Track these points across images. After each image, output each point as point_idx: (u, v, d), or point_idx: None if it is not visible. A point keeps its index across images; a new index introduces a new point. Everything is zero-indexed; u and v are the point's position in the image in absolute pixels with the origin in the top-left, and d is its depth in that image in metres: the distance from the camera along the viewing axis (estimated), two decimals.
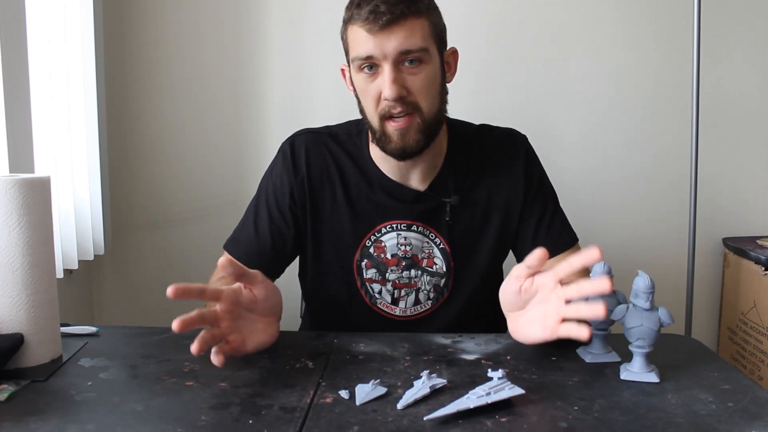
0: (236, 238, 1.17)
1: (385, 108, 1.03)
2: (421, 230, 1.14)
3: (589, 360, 0.90)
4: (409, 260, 1.14)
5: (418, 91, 1.03)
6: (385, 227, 1.14)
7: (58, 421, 0.72)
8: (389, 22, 0.98)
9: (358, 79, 1.05)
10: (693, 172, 1.74)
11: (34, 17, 1.43)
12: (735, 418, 0.74)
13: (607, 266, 0.90)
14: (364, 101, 1.06)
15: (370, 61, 1.01)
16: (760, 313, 1.76)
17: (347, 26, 1.04)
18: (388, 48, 1.00)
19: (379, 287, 1.15)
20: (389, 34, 0.99)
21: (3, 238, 0.84)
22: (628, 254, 1.92)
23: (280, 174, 1.16)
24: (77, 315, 1.81)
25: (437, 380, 0.81)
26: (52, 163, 1.55)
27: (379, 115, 1.04)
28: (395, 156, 1.07)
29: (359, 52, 1.02)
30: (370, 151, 1.15)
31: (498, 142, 1.18)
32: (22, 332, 0.86)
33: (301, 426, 0.71)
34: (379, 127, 1.05)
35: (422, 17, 1.02)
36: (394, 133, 1.04)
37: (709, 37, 1.79)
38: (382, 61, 1.01)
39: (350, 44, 1.05)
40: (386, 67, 1.01)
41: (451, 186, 1.14)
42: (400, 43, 0.99)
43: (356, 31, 1.02)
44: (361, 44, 1.01)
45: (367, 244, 1.14)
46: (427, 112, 1.05)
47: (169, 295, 0.78)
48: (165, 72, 1.88)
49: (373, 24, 0.99)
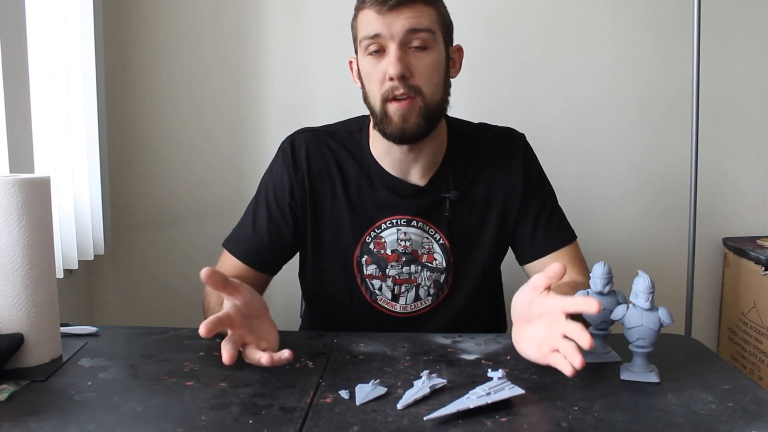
0: (235, 235, 1.18)
1: (388, 89, 1.04)
2: (420, 226, 1.14)
3: (590, 360, 0.90)
4: (409, 256, 1.14)
5: (420, 75, 1.04)
6: (385, 223, 1.14)
7: (58, 421, 0.72)
8: (399, 4, 1.01)
9: (364, 63, 1.06)
10: (693, 172, 1.74)
11: (34, 17, 1.43)
12: (735, 418, 0.74)
13: (607, 266, 0.90)
14: (369, 85, 1.07)
15: (377, 40, 1.03)
16: (760, 313, 1.76)
17: (357, 13, 1.07)
18: (396, 27, 1.01)
19: (380, 283, 1.15)
20: (398, 14, 1.02)
21: (3, 238, 0.84)
22: (628, 254, 1.92)
23: (280, 172, 1.16)
24: (77, 315, 1.81)
25: (437, 380, 0.81)
26: (52, 163, 1.55)
27: (382, 97, 1.04)
28: (394, 139, 1.07)
29: (367, 32, 1.04)
30: (370, 147, 1.16)
31: (497, 139, 1.19)
32: (22, 332, 0.86)
33: (301, 426, 0.71)
34: (380, 108, 1.05)
35: (430, 6, 1.04)
36: (395, 113, 1.04)
37: (710, 36, 1.78)
38: (388, 41, 1.02)
39: (359, 28, 1.06)
40: (392, 46, 1.02)
41: (450, 181, 1.15)
42: (408, 22, 1.02)
43: (366, 14, 1.04)
44: (369, 24, 1.03)
45: (367, 240, 1.14)
46: (429, 98, 1.05)
47: (203, 334, 0.77)
48: (165, 72, 1.88)
49: (383, 5, 1.01)
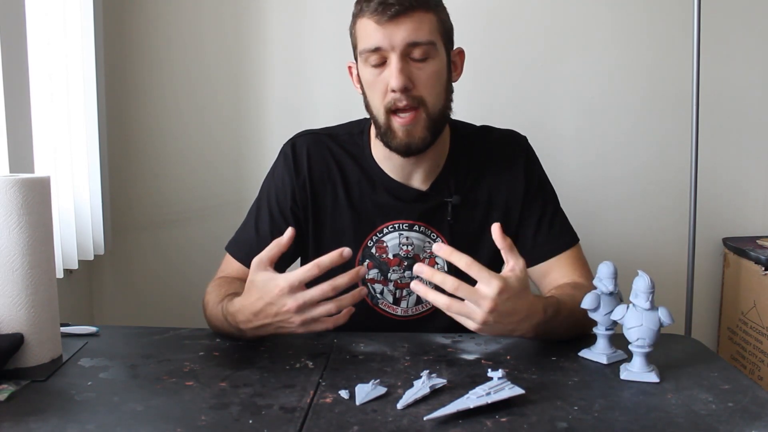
0: (238, 240, 1.17)
1: (390, 101, 1.03)
2: (422, 230, 1.14)
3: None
4: (411, 260, 1.14)
5: (423, 85, 1.03)
6: (387, 227, 1.14)
7: (58, 421, 0.72)
8: (398, 14, 1.00)
9: (365, 72, 1.06)
10: (693, 171, 1.74)
11: (34, 17, 1.43)
12: (735, 418, 0.74)
13: (613, 266, 0.90)
14: (371, 95, 1.06)
15: (378, 53, 1.02)
16: (760, 313, 1.76)
17: (356, 20, 1.06)
18: (396, 39, 1.00)
19: (381, 287, 1.15)
20: (398, 25, 1.00)
21: (3, 238, 0.84)
22: (628, 254, 1.92)
23: (281, 175, 1.16)
24: (77, 315, 1.81)
25: (437, 380, 0.81)
26: (52, 163, 1.55)
27: (385, 108, 1.04)
28: (399, 152, 1.07)
29: (367, 44, 1.02)
30: (371, 151, 1.15)
31: (499, 142, 1.19)
32: (22, 332, 0.86)
33: (301, 426, 0.71)
34: (384, 121, 1.05)
35: (430, 12, 1.03)
36: (399, 128, 1.04)
37: (710, 36, 1.78)
38: (389, 52, 1.01)
39: (358, 37, 1.05)
40: (393, 57, 1.01)
41: (452, 186, 1.14)
42: (408, 35, 1.00)
43: (365, 23, 1.03)
44: (369, 36, 1.02)
45: (369, 245, 1.14)
46: (432, 108, 1.05)
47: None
48: (165, 72, 1.88)
49: (382, 15, 1.00)
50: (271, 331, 0.91)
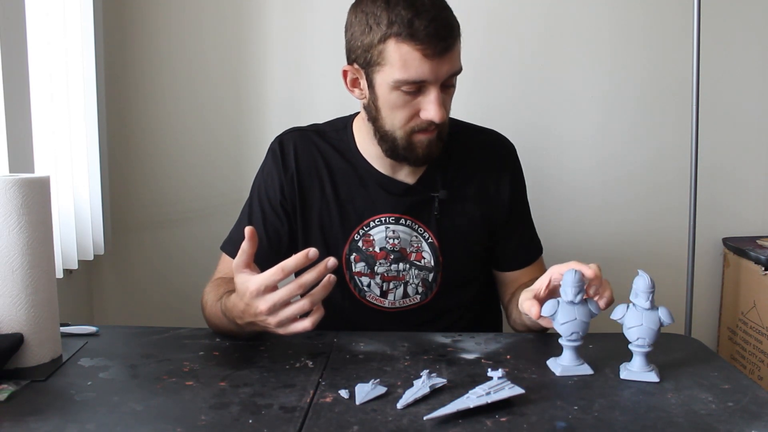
0: (232, 238, 1.18)
1: (421, 125, 1.04)
2: (409, 224, 1.15)
3: (559, 373, 0.87)
4: (397, 254, 1.15)
5: (448, 110, 1.07)
6: (374, 221, 1.15)
7: (58, 421, 0.72)
8: (447, 49, 0.98)
9: (391, 95, 1.03)
10: (693, 171, 1.74)
11: (34, 17, 1.42)
12: (735, 418, 0.74)
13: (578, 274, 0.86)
14: (392, 115, 1.05)
15: (419, 85, 1.01)
16: (760, 313, 1.76)
17: (387, 40, 0.98)
18: (441, 72, 1.00)
19: (368, 280, 1.16)
20: (443, 58, 0.99)
21: (3, 238, 0.84)
22: (628, 254, 1.92)
23: (270, 172, 1.17)
24: (77, 315, 1.80)
25: (437, 380, 0.81)
26: (52, 163, 1.54)
27: (409, 130, 1.05)
28: (417, 164, 1.11)
29: (410, 75, 0.99)
30: (357, 146, 1.16)
31: (488, 144, 1.21)
32: (22, 332, 0.86)
33: (301, 426, 0.71)
34: (404, 140, 1.06)
35: (459, 37, 1.03)
36: (421, 143, 1.06)
37: (710, 36, 1.78)
38: (431, 84, 1.01)
39: (392, 61, 0.99)
40: (434, 90, 1.01)
41: (439, 181, 1.15)
42: (450, 68, 1.01)
43: (407, 51, 0.97)
44: (413, 67, 0.98)
45: (355, 238, 1.15)
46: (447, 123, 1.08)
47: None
48: (165, 71, 1.88)
49: (433, 48, 0.97)
50: (260, 329, 0.92)
